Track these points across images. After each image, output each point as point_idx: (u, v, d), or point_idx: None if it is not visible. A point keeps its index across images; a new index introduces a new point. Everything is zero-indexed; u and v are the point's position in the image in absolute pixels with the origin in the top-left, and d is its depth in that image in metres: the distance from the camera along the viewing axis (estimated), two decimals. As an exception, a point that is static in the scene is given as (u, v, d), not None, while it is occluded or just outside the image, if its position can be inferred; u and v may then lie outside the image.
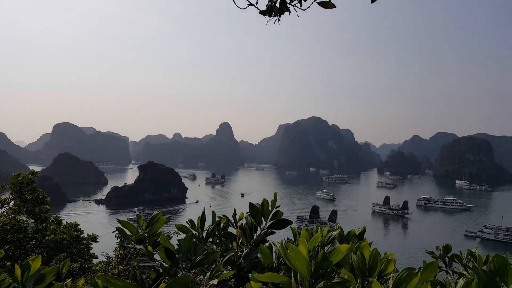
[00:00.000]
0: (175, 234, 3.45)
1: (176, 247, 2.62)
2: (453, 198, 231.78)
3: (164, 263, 2.47)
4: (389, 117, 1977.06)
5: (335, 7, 2.96)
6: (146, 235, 2.81)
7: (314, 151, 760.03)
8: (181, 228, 3.14)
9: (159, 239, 2.66)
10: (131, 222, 2.83)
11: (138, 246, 2.76)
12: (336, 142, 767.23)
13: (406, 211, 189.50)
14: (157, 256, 2.61)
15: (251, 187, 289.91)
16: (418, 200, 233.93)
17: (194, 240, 3.01)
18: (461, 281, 2.14)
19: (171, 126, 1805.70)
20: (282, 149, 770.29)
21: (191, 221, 3.24)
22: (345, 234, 3.11)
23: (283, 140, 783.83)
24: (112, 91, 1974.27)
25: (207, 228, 3.21)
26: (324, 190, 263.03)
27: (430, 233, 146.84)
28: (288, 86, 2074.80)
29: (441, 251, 4.67)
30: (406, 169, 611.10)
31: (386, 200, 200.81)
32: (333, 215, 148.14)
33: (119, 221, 2.92)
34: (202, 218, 3.21)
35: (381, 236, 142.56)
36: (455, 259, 4.54)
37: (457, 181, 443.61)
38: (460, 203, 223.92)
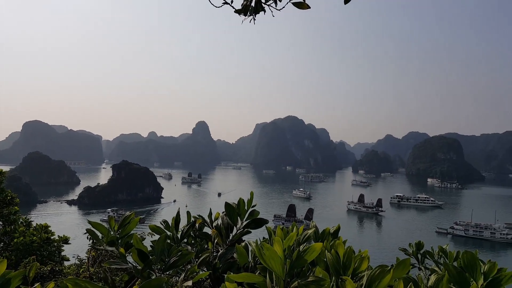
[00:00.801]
0: (149, 235, 3.38)
1: (150, 248, 2.57)
2: (425, 196, 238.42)
3: (137, 265, 2.41)
4: (363, 116, 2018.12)
5: (309, 8, 2.97)
6: (118, 236, 2.73)
7: (291, 150, 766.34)
8: (155, 229, 3.08)
9: (132, 241, 2.60)
10: (103, 223, 2.75)
11: (109, 248, 2.69)
12: (312, 141, 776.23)
13: (380, 208, 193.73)
14: (130, 258, 2.54)
15: (228, 187, 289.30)
16: (391, 198, 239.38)
17: (169, 241, 2.96)
18: (433, 277, 2.17)
19: (146, 125, 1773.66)
20: (259, 148, 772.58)
21: (165, 221, 3.18)
22: (320, 232, 3.10)
23: (260, 139, 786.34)
24: (84, 89, 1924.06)
25: (182, 229, 3.15)
26: (301, 189, 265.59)
27: (403, 230, 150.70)
28: (265, 85, 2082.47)
29: (413, 248, 4.76)
30: (380, 167, 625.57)
31: (361, 198, 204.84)
32: (310, 214, 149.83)
33: (89, 222, 2.82)
34: (177, 219, 3.13)
35: (356, 233, 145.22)
36: (427, 256, 4.61)
37: (428, 179, 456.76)
38: (431, 200, 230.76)
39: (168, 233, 3.08)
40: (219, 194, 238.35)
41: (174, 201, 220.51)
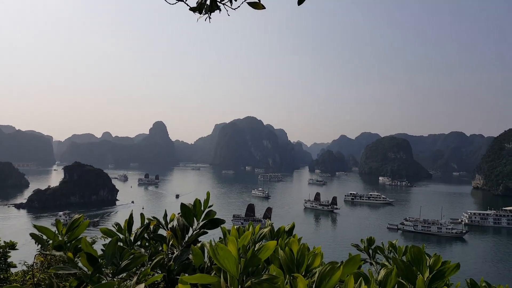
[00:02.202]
0: (102, 238, 3.30)
1: (101, 252, 2.50)
2: (377, 194, 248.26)
3: (87, 270, 2.33)
4: (319, 117, 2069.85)
5: (264, 8, 2.98)
6: (66, 240, 2.63)
7: (250, 150, 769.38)
8: (106, 232, 2.98)
9: (81, 245, 2.50)
10: (53, 227, 2.65)
11: (57, 253, 2.59)
12: (271, 142, 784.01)
13: (335, 206, 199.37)
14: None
15: (186, 188, 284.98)
16: (345, 195, 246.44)
17: (121, 244, 2.90)
18: (382, 272, 2.24)
19: (100, 125, 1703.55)
20: (218, 148, 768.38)
21: (117, 224, 3.11)
22: (275, 230, 3.12)
23: (219, 140, 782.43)
24: (33, 88, 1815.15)
25: (136, 231, 3.07)
26: (260, 188, 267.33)
27: (356, 226, 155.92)
28: (225, 86, 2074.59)
29: (365, 244, 4.90)
30: (335, 166, 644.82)
31: (317, 196, 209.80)
32: (268, 213, 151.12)
33: (35, 226, 2.67)
34: (130, 221, 3.05)
35: (312, 231, 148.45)
36: (378, 251, 4.75)
37: (380, 178, 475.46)
38: (383, 198, 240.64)
39: (121, 236, 2.99)
40: (177, 196, 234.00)
41: (132, 202, 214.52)
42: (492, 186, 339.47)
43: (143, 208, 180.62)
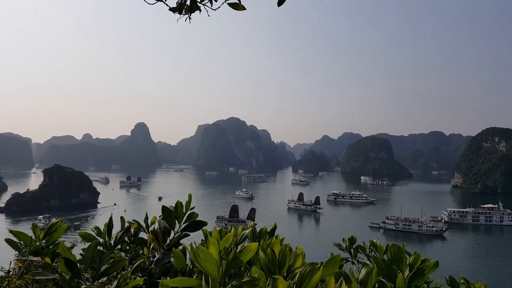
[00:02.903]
0: (83, 242, 3.23)
1: (81, 257, 2.45)
2: (359, 193, 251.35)
3: (65, 275, 2.28)
4: (301, 118, 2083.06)
5: (245, 9, 2.95)
6: (43, 245, 2.55)
7: (233, 151, 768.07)
8: (85, 236, 2.91)
9: (59, 249, 2.42)
10: (29, 232, 2.56)
11: (34, 259, 2.51)
12: (254, 142, 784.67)
13: (318, 206, 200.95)
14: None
15: (169, 190, 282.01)
16: (328, 195, 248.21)
17: (101, 248, 2.85)
18: (363, 271, 2.25)
19: (80, 127, 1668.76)
20: (201, 149, 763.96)
21: (97, 228, 3.05)
22: (257, 232, 3.10)
23: (203, 141, 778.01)
24: (11, 87, 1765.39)
25: (116, 235, 3.00)
26: (243, 189, 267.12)
27: (339, 226, 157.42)
28: (207, 87, 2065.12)
29: (346, 243, 4.93)
30: (318, 167, 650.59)
31: (300, 196, 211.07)
32: (252, 213, 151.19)
33: (11, 231, 2.59)
34: (109, 225, 2.98)
35: (295, 231, 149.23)
36: (359, 250, 4.75)
37: (362, 177, 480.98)
38: (365, 197, 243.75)
39: (100, 240, 2.92)
40: (160, 198, 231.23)
41: (115, 204, 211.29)
42: (471, 184, 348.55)
43: (125, 211, 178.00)
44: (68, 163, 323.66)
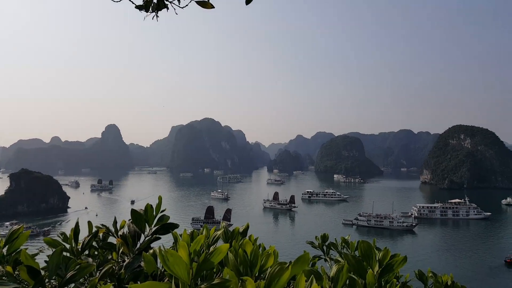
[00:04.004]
0: (50, 249, 3.13)
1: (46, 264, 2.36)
2: (332, 191, 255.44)
3: (28, 284, 2.17)
4: (276, 118, 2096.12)
5: (213, 7, 2.91)
6: (4, 253, 2.46)
7: (208, 152, 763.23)
8: (50, 242, 2.78)
9: (21, 257, 2.31)
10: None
11: None
12: (229, 143, 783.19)
13: (293, 205, 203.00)
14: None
15: (142, 193, 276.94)
16: (302, 194, 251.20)
17: (68, 254, 2.77)
18: (334, 268, 2.26)
19: (48, 129, 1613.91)
20: (175, 151, 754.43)
21: (63, 233, 2.97)
22: (230, 232, 3.09)
23: (176, 142, 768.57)
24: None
25: (83, 240, 2.92)
26: (219, 190, 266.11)
27: (314, 223, 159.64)
28: (181, 87, 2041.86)
29: (319, 241, 5.06)
30: (292, 166, 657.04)
31: (276, 195, 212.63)
32: (228, 214, 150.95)
33: None
34: (76, 230, 2.90)
35: (271, 230, 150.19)
36: (332, 247, 4.86)
37: (335, 175, 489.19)
38: (338, 195, 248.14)
39: (67, 245, 2.83)
40: (133, 202, 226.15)
41: (86, 208, 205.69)
42: (439, 180, 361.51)
43: (96, 215, 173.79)
44: (36, 167, 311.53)
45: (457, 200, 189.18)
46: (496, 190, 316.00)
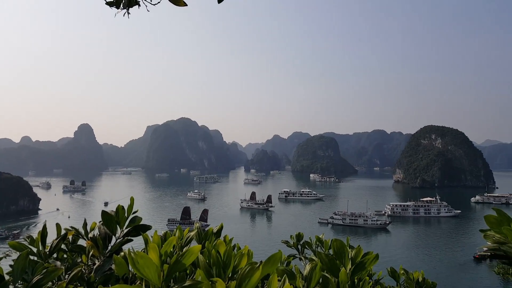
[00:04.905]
0: (17, 253, 3.01)
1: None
2: (308, 190, 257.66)
3: None
4: (253, 118, 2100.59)
5: (186, 5, 2.85)
6: None
7: (185, 152, 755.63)
8: (16, 246, 2.71)
9: None
10: None
11: None
12: (206, 143, 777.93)
13: (270, 204, 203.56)
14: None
15: (116, 194, 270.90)
16: (279, 193, 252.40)
17: (35, 258, 2.68)
18: (308, 267, 2.26)
19: (18, 129, 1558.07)
20: (150, 151, 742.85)
21: (29, 237, 2.86)
22: (203, 233, 3.06)
23: (152, 142, 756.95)
24: None
25: (51, 243, 2.82)
26: (195, 190, 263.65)
27: (290, 223, 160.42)
28: (157, 87, 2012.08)
29: (294, 240, 5.13)
30: (269, 166, 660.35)
31: (253, 195, 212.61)
32: (204, 214, 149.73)
33: None
34: (43, 233, 2.80)
35: (248, 230, 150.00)
36: (306, 246, 4.98)
37: (311, 175, 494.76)
38: (314, 194, 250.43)
39: (34, 249, 2.74)
40: (106, 203, 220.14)
41: (57, 209, 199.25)
42: (411, 179, 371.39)
43: (69, 217, 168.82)
44: (5, 168, 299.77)
45: (428, 199, 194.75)
46: (466, 189, 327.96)
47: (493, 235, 1.86)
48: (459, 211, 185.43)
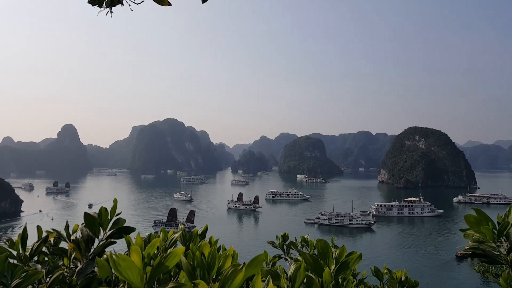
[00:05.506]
0: None
1: None
2: (295, 191, 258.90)
3: None
4: (240, 119, 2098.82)
5: (170, 4, 2.79)
6: None
7: (171, 153, 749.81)
8: None
9: None
10: None
11: None
12: (193, 144, 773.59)
13: (257, 205, 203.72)
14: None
15: (101, 196, 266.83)
16: (266, 194, 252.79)
17: (15, 261, 2.63)
18: (292, 267, 2.26)
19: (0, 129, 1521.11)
20: (136, 152, 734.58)
21: (9, 240, 2.83)
22: (188, 235, 3.04)
23: (138, 143, 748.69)
24: None
25: (32, 246, 2.75)
26: (182, 192, 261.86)
27: (277, 223, 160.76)
28: (142, 87, 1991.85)
29: (280, 240, 5.16)
30: (256, 166, 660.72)
31: (240, 196, 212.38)
32: (191, 216, 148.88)
33: None
34: (23, 235, 2.75)
35: (235, 231, 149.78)
36: (292, 246, 5.01)
37: (298, 175, 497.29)
38: (301, 194, 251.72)
39: (14, 252, 2.67)
40: (90, 205, 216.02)
41: (40, 211, 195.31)
42: (395, 180, 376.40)
43: (52, 220, 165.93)
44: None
45: (412, 199, 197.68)
46: (448, 189, 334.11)
47: (473, 234, 1.89)
48: (442, 210, 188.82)
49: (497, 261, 1.87)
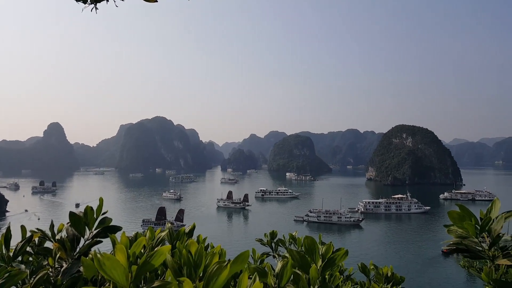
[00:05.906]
0: None
1: None
2: (285, 189, 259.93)
3: None
4: (230, 117, 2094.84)
5: (156, 1, 2.77)
6: None
7: (160, 152, 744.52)
8: None
9: None
10: None
11: None
12: (182, 142, 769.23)
13: (246, 203, 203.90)
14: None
15: (89, 195, 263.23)
16: (256, 192, 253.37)
17: None
18: (279, 264, 2.29)
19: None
20: (124, 150, 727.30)
21: None
22: (175, 233, 3.04)
23: (126, 141, 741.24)
24: None
25: (15, 246, 2.72)
26: (171, 190, 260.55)
27: (266, 221, 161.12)
28: (130, 85, 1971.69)
29: (268, 237, 5.18)
30: (246, 165, 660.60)
31: (229, 194, 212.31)
32: (180, 214, 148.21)
33: None
34: (7, 235, 2.71)
35: (224, 229, 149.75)
36: (280, 244, 5.03)
37: (287, 173, 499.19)
38: (290, 192, 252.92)
39: None
40: (78, 205, 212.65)
41: (26, 210, 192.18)
42: (383, 177, 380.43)
43: (39, 219, 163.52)
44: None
45: (399, 196, 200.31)
46: (435, 186, 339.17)
47: (456, 230, 1.95)
48: (429, 207, 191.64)
49: (479, 256, 1.90)
